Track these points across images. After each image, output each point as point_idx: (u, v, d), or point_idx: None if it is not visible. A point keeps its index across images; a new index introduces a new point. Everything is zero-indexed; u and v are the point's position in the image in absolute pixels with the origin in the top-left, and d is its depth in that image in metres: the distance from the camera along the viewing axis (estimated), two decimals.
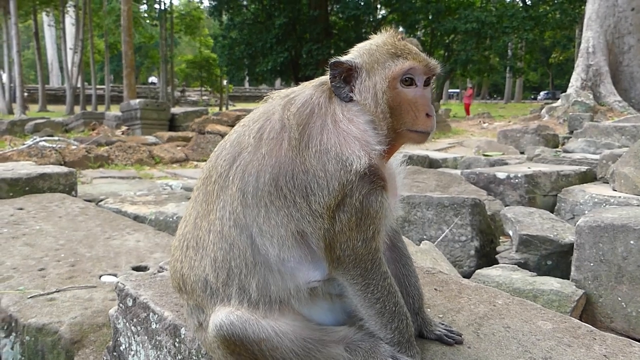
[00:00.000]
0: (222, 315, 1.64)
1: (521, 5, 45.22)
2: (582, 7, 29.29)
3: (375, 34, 1.82)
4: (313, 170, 1.57)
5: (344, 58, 1.70)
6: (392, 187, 1.71)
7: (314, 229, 1.59)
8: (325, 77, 1.76)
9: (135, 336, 2.27)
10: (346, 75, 1.68)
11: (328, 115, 1.65)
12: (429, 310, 2.08)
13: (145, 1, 53.36)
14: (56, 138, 15.61)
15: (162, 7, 51.68)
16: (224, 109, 45.72)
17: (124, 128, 20.50)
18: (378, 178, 1.60)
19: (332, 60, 1.68)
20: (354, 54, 1.73)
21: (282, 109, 1.69)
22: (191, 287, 1.76)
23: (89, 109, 39.61)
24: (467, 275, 4.18)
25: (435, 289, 2.30)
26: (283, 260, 1.60)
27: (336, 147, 1.58)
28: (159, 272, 2.90)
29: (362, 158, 1.57)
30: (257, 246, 1.62)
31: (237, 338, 1.60)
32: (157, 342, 2.14)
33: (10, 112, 39.74)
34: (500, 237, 5.34)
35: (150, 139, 16.75)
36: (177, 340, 2.04)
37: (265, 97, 1.83)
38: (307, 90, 1.73)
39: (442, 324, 1.92)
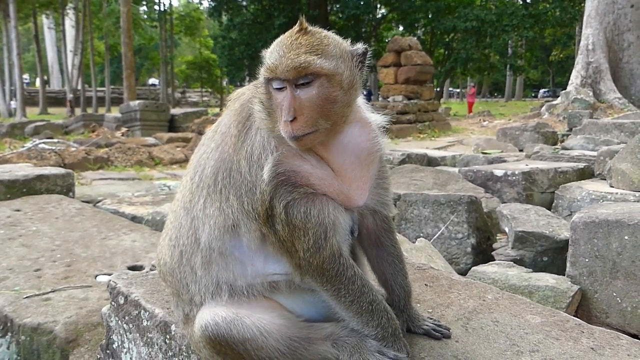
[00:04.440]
0: (208, 316, 1.65)
1: (521, 3, 45.18)
2: (582, 5, 29.25)
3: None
4: (244, 173, 1.60)
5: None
6: (335, 185, 1.61)
7: (249, 228, 1.62)
8: None
9: (128, 334, 2.29)
10: None
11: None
12: (418, 305, 2.09)
13: (144, 3, 53.44)
14: (56, 140, 15.65)
15: (162, 9, 51.78)
16: (224, 109, 45.80)
17: (123, 129, 20.53)
18: (297, 186, 1.55)
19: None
20: None
21: (233, 107, 1.73)
22: (163, 272, 1.84)
23: (90, 111, 39.70)
24: (464, 272, 4.18)
25: (425, 284, 2.30)
26: (211, 246, 1.66)
27: (258, 153, 1.58)
28: (151, 270, 2.91)
29: (269, 164, 1.55)
30: (195, 229, 1.70)
31: (222, 338, 1.61)
32: (149, 339, 2.15)
33: (11, 114, 39.81)
34: (497, 234, 5.35)
35: (150, 140, 16.79)
36: (168, 336, 2.05)
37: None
38: (247, 95, 1.73)
39: (431, 319, 1.92)
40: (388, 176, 1.85)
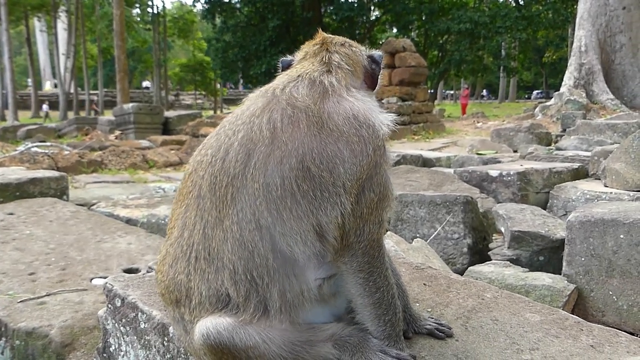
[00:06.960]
0: (209, 324, 1.59)
1: (514, 5, 45.44)
2: (574, 7, 29.42)
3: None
4: (345, 136, 1.55)
5: (375, 53, 1.90)
6: None
7: (330, 218, 1.54)
8: (324, 69, 1.76)
9: (125, 336, 2.26)
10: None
11: (343, 92, 1.67)
12: (417, 304, 2.08)
13: (138, 5, 53.32)
14: (49, 144, 15.55)
15: (155, 11, 51.71)
16: (218, 112, 45.76)
17: (117, 133, 20.47)
18: (388, 155, 1.68)
19: (381, 54, 1.89)
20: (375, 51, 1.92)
21: (288, 96, 1.64)
22: (199, 301, 1.64)
23: (83, 114, 39.53)
24: (460, 272, 4.17)
25: (424, 283, 2.30)
26: (309, 257, 1.55)
27: (363, 114, 1.61)
28: (147, 272, 2.89)
29: (386, 124, 1.64)
30: (279, 249, 1.54)
31: (225, 346, 1.56)
32: (146, 342, 2.13)
33: (3, 118, 39.58)
34: (493, 234, 5.35)
35: (144, 143, 16.73)
36: (166, 339, 2.03)
37: (250, 95, 1.79)
38: (310, 77, 1.71)
39: (432, 318, 1.91)
40: None
